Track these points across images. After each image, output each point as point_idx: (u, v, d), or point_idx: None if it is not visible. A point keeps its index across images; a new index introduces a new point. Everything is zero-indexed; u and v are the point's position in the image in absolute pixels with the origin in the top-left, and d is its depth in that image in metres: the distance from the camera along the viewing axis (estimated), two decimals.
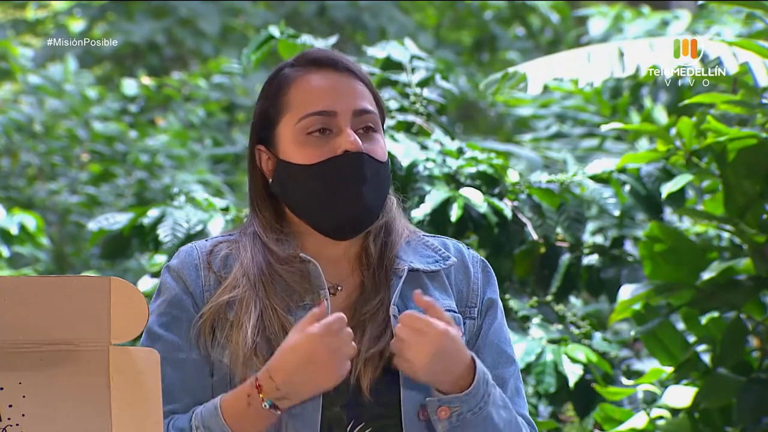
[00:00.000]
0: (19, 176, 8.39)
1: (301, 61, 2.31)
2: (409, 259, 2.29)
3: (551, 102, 6.39)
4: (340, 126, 2.24)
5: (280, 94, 2.28)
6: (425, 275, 2.29)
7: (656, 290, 3.84)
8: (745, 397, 3.72)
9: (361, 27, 10.36)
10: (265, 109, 2.30)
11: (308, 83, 2.27)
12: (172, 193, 4.27)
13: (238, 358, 2.18)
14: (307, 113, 2.24)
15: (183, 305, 2.24)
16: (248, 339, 2.18)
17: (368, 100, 2.28)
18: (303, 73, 2.28)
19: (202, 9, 10.13)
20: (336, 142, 2.23)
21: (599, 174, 3.97)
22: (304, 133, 2.24)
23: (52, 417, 1.96)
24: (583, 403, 3.86)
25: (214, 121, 9.09)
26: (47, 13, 10.82)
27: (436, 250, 2.33)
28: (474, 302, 2.32)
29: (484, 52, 11.22)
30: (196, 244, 2.31)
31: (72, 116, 8.60)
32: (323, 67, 2.28)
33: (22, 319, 1.96)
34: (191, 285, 2.25)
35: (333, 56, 2.30)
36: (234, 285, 2.23)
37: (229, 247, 2.29)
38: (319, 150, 2.24)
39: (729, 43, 3.74)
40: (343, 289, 2.28)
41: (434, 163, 3.90)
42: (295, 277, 2.24)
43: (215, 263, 2.26)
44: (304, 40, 4.09)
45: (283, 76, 2.30)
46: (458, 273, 2.32)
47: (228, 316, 2.21)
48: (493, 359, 2.29)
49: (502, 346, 2.31)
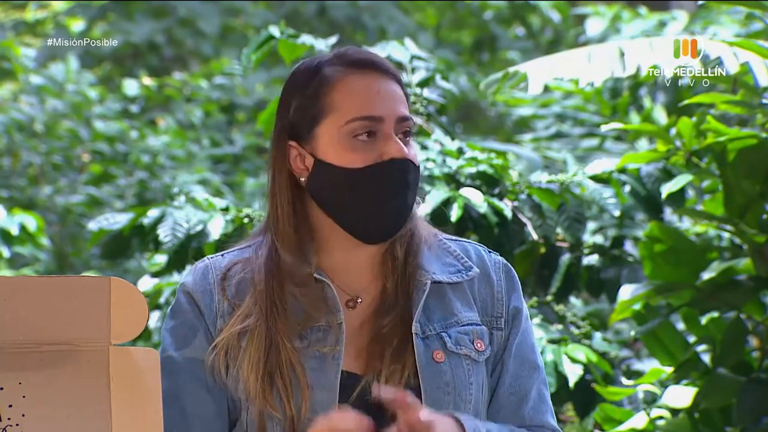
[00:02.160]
0: (20, 176, 8.39)
1: (342, 61, 2.26)
2: (432, 269, 2.27)
3: (551, 102, 6.39)
4: (386, 131, 2.22)
5: (321, 93, 2.24)
6: (448, 287, 2.27)
7: (656, 290, 3.84)
8: (745, 397, 3.72)
9: (361, 27, 10.36)
10: (304, 107, 2.25)
11: (354, 85, 2.23)
12: (173, 193, 4.26)
13: (252, 395, 2.17)
14: (355, 117, 2.21)
15: (195, 329, 2.23)
16: (257, 377, 2.17)
17: (405, 105, 2.26)
18: (346, 74, 2.24)
19: (202, 9, 10.13)
20: (382, 148, 2.21)
21: (599, 174, 3.97)
22: (350, 137, 2.21)
23: (52, 417, 1.96)
24: (583, 403, 3.86)
25: (213, 122, 9.09)
26: (47, 13, 10.82)
27: (458, 257, 2.31)
28: (500, 312, 2.30)
29: (484, 52, 11.22)
30: (212, 263, 2.28)
31: (73, 116, 8.60)
32: (366, 69, 2.25)
33: (22, 319, 1.97)
34: (205, 310, 2.23)
35: (375, 58, 2.27)
36: (247, 314, 2.21)
37: (243, 269, 2.25)
38: (366, 155, 2.21)
39: (729, 43, 3.74)
40: (363, 300, 2.26)
41: (434, 163, 3.90)
42: (308, 299, 2.22)
43: (229, 290, 2.24)
44: (304, 40, 4.09)
45: (325, 76, 2.25)
46: (481, 284, 2.31)
47: (241, 344, 2.20)
48: (516, 369, 2.28)
49: (527, 355, 2.30)
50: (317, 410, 2.15)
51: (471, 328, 2.25)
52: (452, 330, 2.24)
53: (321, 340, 2.20)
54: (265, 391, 2.16)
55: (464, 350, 2.23)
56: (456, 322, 2.25)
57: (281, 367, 2.17)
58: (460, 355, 2.22)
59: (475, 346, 2.24)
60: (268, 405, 2.16)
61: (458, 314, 2.26)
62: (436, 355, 2.20)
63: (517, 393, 2.27)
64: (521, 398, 2.27)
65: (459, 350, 2.22)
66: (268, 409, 2.16)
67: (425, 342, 2.21)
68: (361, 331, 2.23)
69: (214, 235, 3.88)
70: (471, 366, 2.23)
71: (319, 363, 2.18)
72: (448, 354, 2.21)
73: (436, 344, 2.21)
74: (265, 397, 2.16)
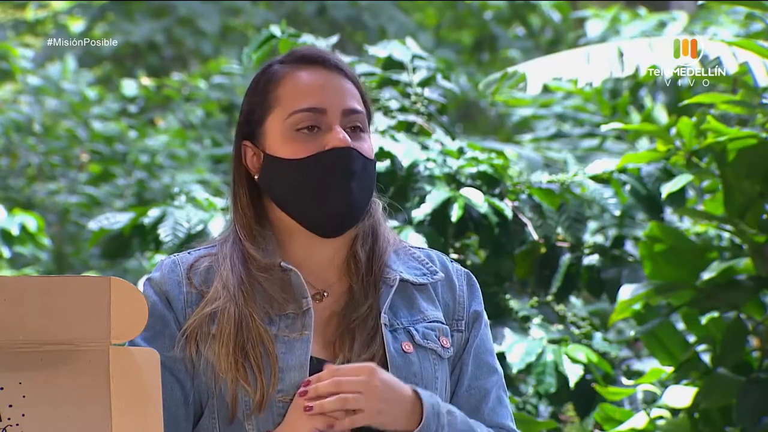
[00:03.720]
0: (19, 176, 8.39)
1: (290, 58, 2.31)
2: (399, 269, 2.29)
3: (551, 102, 6.39)
4: (329, 123, 2.24)
5: (268, 89, 2.28)
6: (413, 287, 2.30)
7: (656, 290, 3.84)
8: (745, 397, 3.72)
9: (361, 27, 10.36)
10: (253, 105, 2.30)
11: (298, 79, 2.27)
12: (173, 193, 4.26)
13: (220, 371, 2.18)
14: (297, 109, 2.24)
15: (165, 320, 2.23)
16: (228, 350, 2.18)
17: (357, 99, 2.28)
18: (292, 69, 2.28)
19: (202, 9, 10.13)
20: (325, 139, 2.23)
21: (600, 174, 3.97)
22: (293, 129, 2.24)
23: (52, 417, 1.96)
24: (584, 403, 3.87)
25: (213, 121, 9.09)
26: (47, 13, 10.82)
27: (423, 263, 2.33)
28: (461, 315, 2.32)
29: (484, 52, 11.22)
30: (179, 258, 2.29)
31: (72, 116, 8.60)
32: (312, 64, 2.28)
33: (22, 319, 1.96)
34: (174, 301, 2.24)
35: (322, 54, 2.30)
36: (215, 297, 2.22)
37: (210, 260, 2.27)
38: (308, 146, 2.23)
39: (729, 43, 3.74)
40: (329, 295, 2.27)
41: (435, 163, 3.90)
42: (275, 286, 2.23)
43: (196, 279, 2.25)
44: (305, 40, 4.09)
45: (271, 72, 2.30)
46: (444, 288, 2.33)
47: (210, 329, 2.21)
48: (475, 370, 2.30)
49: (485, 357, 2.32)
50: (289, 392, 2.16)
51: (437, 325, 2.27)
52: (419, 325, 2.26)
53: (289, 326, 2.21)
54: (238, 363, 2.17)
55: (431, 345, 2.25)
56: (423, 318, 2.27)
57: (252, 342, 2.18)
58: (427, 349, 2.24)
59: (440, 342, 2.26)
60: (240, 378, 2.17)
61: (424, 312, 2.28)
62: (404, 345, 2.22)
63: (476, 394, 2.29)
64: (480, 399, 2.29)
65: (426, 344, 2.24)
66: (240, 383, 2.16)
67: (393, 334, 2.23)
68: (330, 322, 2.25)
69: (215, 235, 3.87)
70: (437, 361, 2.25)
71: (288, 347, 2.19)
72: (416, 347, 2.24)
73: (405, 337, 2.24)
74: (237, 369, 2.17)
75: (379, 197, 2.36)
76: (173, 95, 9.24)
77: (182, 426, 2.21)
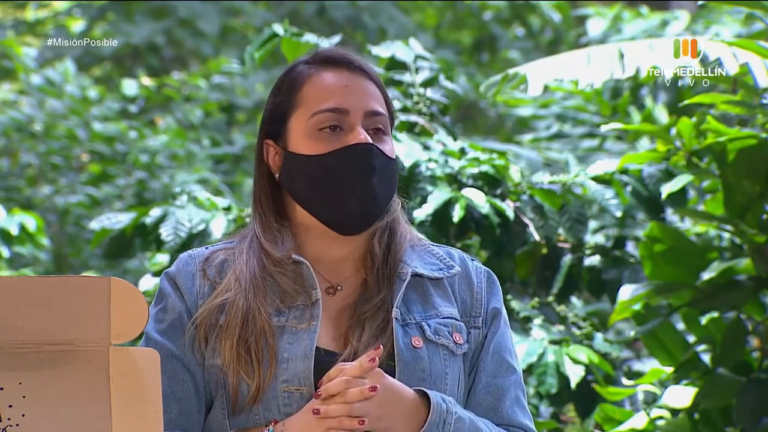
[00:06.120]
0: (19, 176, 8.39)
1: (315, 59, 2.33)
2: (414, 264, 2.30)
3: (552, 102, 6.39)
4: (352, 124, 2.26)
5: (293, 90, 2.30)
6: (428, 281, 2.30)
7: (656, 290, 3.84)
8: (745, 397, 3.72)
9: (361, 27, 10.36)
10: (277, 105, 2.32)
11: (322, 80, 2.29)
12: (174, 193, 4.27)
13: (227, 362, 2.20)
14: (320, 109, 2.26)
15: (178, 312, 2.26)
16: (232, 343, 2.20)
17: (379, 102, 2.31)
18: (317, 70, 2.31)
19: (202, 9, 10.13)
20: (346, 139, 2.25)
21: (601, 175, 3.97)
22: (315, 129, 2.26)
23: (52, 417, 1.96)
24: (585, 403, 3.86)
25: (213, 122, 9.09)
26: (47, 13, 10.82)
27: (440, 258, 2.34)
28: (478, 312, 2.32)
29: (484, 52, 11.22)
30: (195, 252, 2.33)
31: (72, 116, 8.60)
32: (337, 66, 2.31)
33: (22, 319, 1.96)
34: (186, 293, 2.27)
35: (347, 56, 2.33)
36: (226, 289, 2.25)
37: (226, 254, 2.30)
38: (329, 144, 2.25)
39: (729, 44, 3.74)
40: (343, 289, 2.29)
41: (436, 164, 3.90)
42: (287, 279, 2.25)
43: (210, 271, 2.28)
44: (308, 39, 4.09)
45: (296, 73, 2.32)
46: (461, 283, 2.33)
47: (219, 320, 2.23)
48: (494, 368, 2.30)
49: (504, 356, 2.31)
50: (293, 382, 2.19)
51: (450, 321, 2.27)
52: (432, 321, 2.26)
53: (298, 317, 2.23)
54: (239, 356, 2.19)
55: (443, 340, 2.25)
56: (436, 314, 2.28)
57: (256, 336, 2.20)
58: (438, 344, 2.25)
59: (453, 338, 2.26)
60: (241, 371, 2.19)
61: (438, 308, 2.28)
62: (414, 340, 2.23)
63: (494, 392, 2.28)
64: (498, 397, 2.29)
65: (438, 340, 2.25)
66: (241, 375, 2.19)
67: (404, 328, 2.24)
68: (341, 315, 2.27)
69: (216, 235, 3.89)
70: (448, 357, 2.25)
71: (295, 338, 2.21)
72: (426, 342, 2.24)
73: (415, 331, 2.24)
74: (238, 362, 2.19)
75: (399, 197, 2.37)
76: (173, 95, 9.24)
77: (194, 417, 2.23)
